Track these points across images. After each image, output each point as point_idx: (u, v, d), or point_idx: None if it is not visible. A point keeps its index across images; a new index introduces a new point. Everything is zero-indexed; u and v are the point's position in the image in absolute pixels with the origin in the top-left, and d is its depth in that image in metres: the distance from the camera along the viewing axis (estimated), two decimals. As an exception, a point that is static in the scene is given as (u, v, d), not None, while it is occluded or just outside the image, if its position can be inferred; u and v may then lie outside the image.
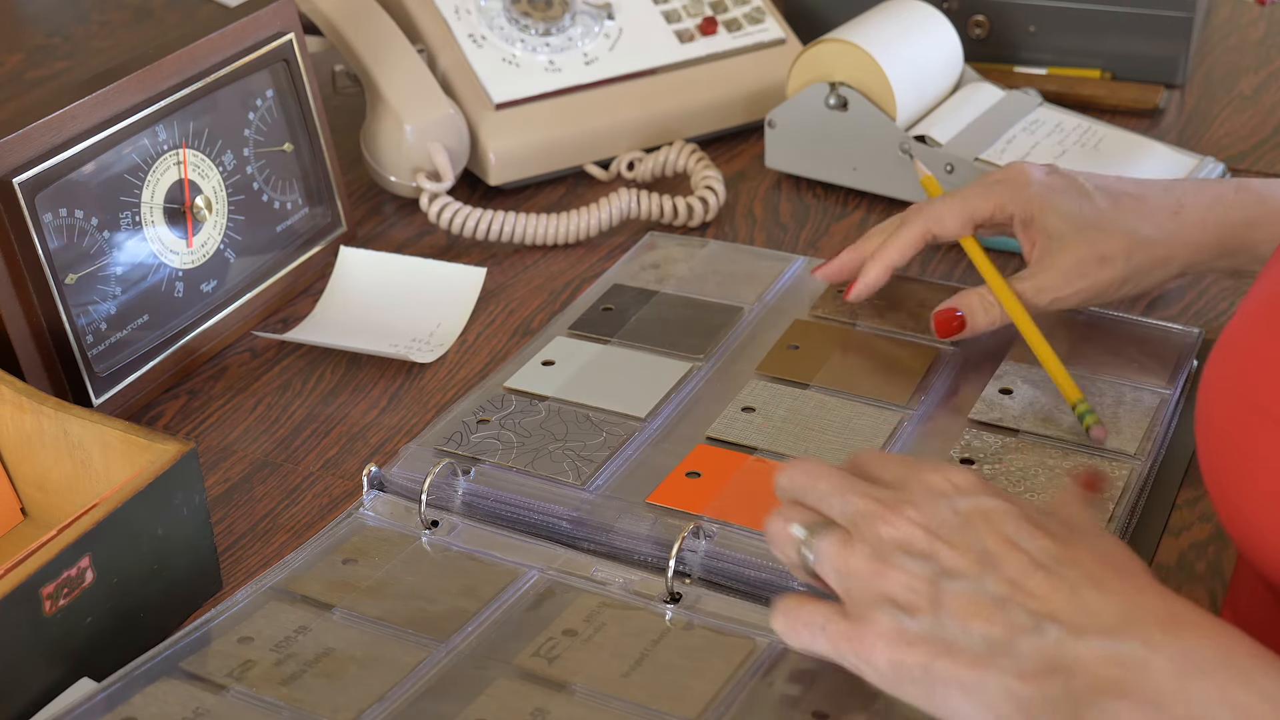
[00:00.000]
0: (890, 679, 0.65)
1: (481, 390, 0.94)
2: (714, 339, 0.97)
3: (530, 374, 0.95)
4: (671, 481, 0.85)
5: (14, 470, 0.87)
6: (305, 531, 0.87)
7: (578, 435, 0.88)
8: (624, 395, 0.92)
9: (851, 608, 0.67)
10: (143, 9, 1.52)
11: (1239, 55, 1.36)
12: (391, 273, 1.07)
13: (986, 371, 0.93)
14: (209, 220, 1.01)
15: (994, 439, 0.87)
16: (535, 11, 1.22)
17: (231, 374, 1.01)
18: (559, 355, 0.96)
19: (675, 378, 0.94)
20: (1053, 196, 0.93)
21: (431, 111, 1.13)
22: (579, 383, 0.94)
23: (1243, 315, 0.67)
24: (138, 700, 0.71)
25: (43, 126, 0.90)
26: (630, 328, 0.99)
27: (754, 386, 0.92)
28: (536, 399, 0.92)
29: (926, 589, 0.65)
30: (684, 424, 0.90)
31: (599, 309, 1.01)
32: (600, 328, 0.99)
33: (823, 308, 1.00)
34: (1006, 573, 0.64)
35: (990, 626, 0.63)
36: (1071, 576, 0.63)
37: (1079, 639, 0.61)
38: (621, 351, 0.97)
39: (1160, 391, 0.90)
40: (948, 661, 0.63)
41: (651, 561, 0.81)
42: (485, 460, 0.86)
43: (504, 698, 0.72)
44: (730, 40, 1.25)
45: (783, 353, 0.96)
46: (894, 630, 0.65)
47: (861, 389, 0.92)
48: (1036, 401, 0.89)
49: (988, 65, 1.29)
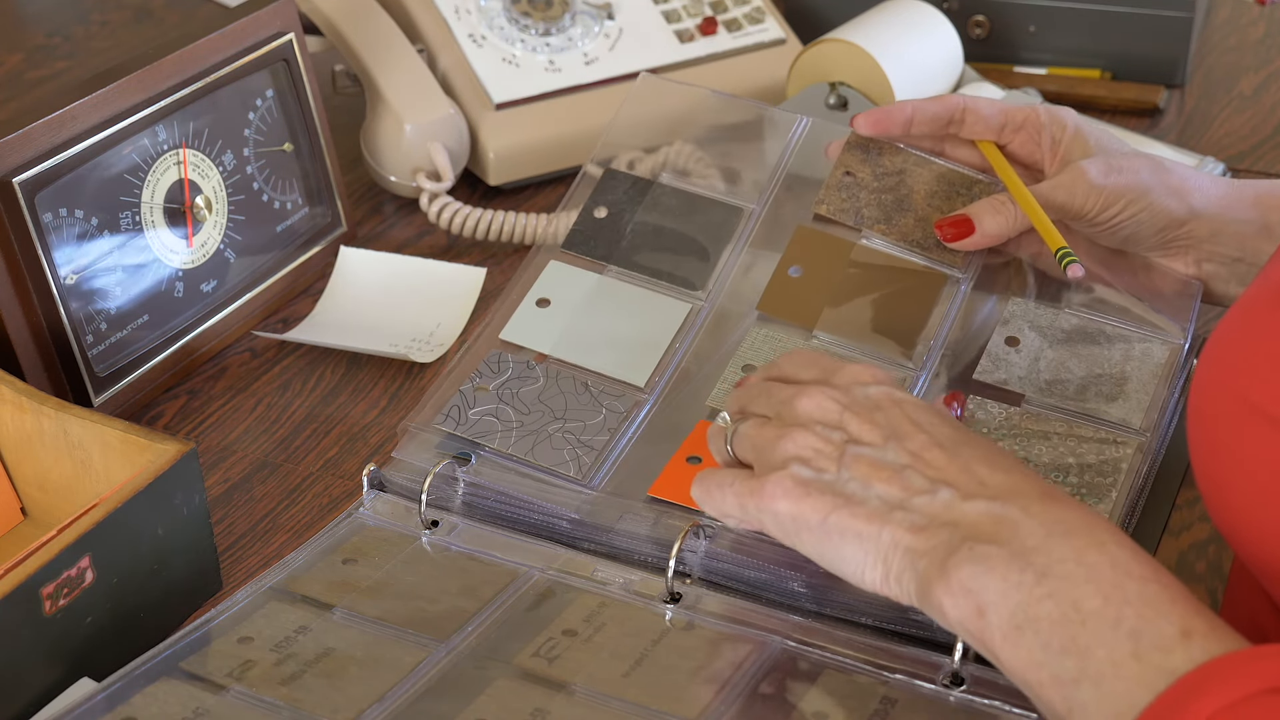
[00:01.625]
0: (789, 529, 0.72)
1: (479, 343, 0.92)
2: (715, 258, 0.94)
3: (526, 320, 0.92)
4: (672, 469, 0.84)
5: (14, 470, 0.87)
6: (305, 531, 0.87)
7: (577, 413, 0.88)
8: (622, 355, 0.90)
9: (759, 469, 0.74)
10: (143, 9, 1.52)
11: (1239, 55, 1.36)
12: (391, 273, 1.07)
13: (995, 313, 0.91)
14: (209, 220, 1.01)
15: (999, 409, 0.86)
16: (535, 11, 1.22)
17: (231, 374, 1.01)
18: (554, 290, 0.94)
19: (674, 325, 0.92)
20: (1088, 126, 0.94)
21: (431, 111, 1.13)
22: (576, 334, 0.91)
23: (1235, 310, 0.67)
24: (138, 700, 0.71)
25: (43, 126, 0.90)
26: (626, 245, 0.96)
27: (755, 336, 0.90)
28: (534, 360, 0.90)
29: (832, 450, 0.72)
30: (684, 389, 0.89)
31: (592, 214, 0.97)
32: (595, 245, 0.96)
33: (827, 203, 0.95)
34: (909, 446, 0.71)
35: (889, 487, 0.70)
36: (966, 454, 0.71)
37: (967, 501, 0.68)
38: (618, 287, 0.94)
39: (1172, 341, 0.89)
40: (846, 514, 0.70)
41: (651, 561, 0.81)
42: (485, 446, 0.86)
43: (504, 698, 0.72)
44: (730, 40, 1.25)
45: (784, 282, 0.93)
46: (797, 483, 0.72)
47: (865, 335, 0.90)
48: (1042, 355, 0.88)
49: (988, 65, 1.29)
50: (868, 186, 0.95)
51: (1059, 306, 0.91)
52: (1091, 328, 0.89)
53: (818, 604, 0.78)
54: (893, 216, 0.94)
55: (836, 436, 0.73)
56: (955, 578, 0.66)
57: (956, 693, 0.73)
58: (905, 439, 0.72)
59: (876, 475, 0.71)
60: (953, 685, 0.73)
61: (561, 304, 0.93)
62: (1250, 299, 0.67)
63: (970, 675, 0.73)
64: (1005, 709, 0.71)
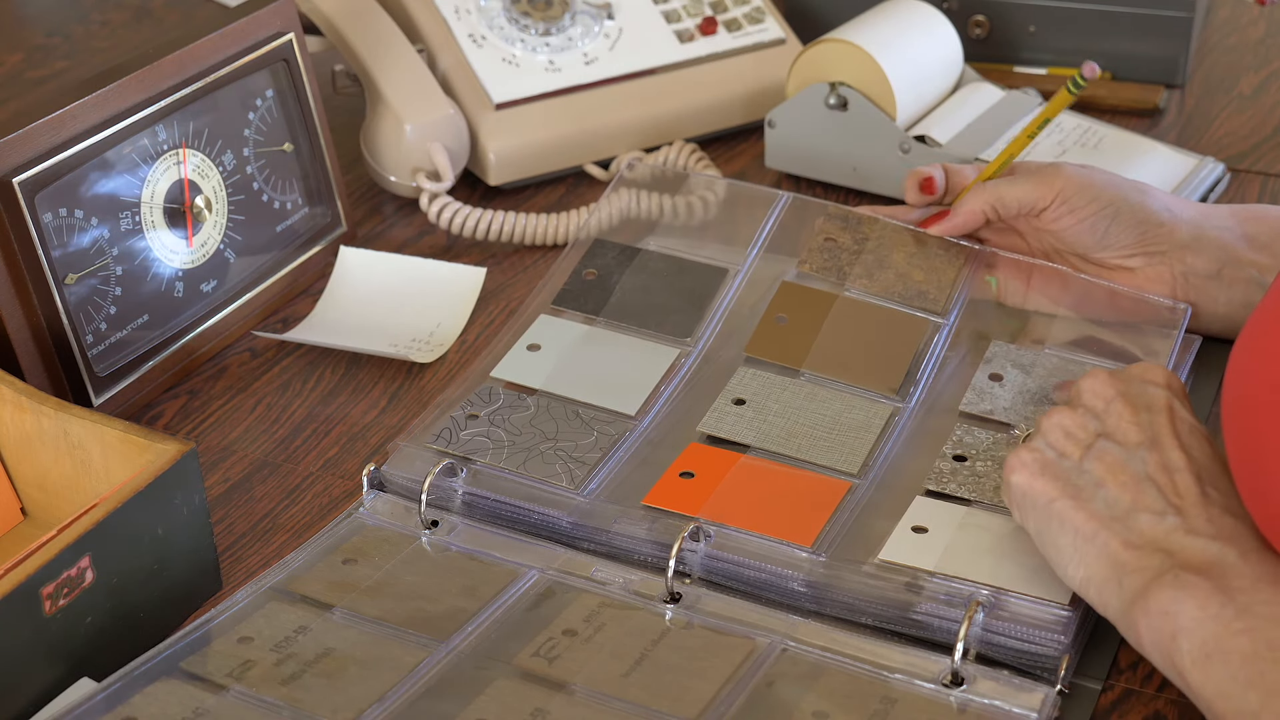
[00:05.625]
0: (1019, 502, 0.75)
1: (469, 379, 0.93)
2: (701, 311, 0.96)
3: (517, 361, 0.94)
4: (665, 482, 0.85)
5: (14, 470, 0.87)
6: (305, 531, 0.87)
7: (568, 434, 0.88)
8: (613, 389, 0.91)
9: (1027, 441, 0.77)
10: (143, 9, 1.52)
11: (1239, 55, 1.36)
12: (391, 273, 1.07)
13: (978, 351, 0.92)
14: (209, 220, 1.01)
15: (985, 434, 0.86)
16: (535, 11, 1.22)
17: (231, 374, 1.01)
18: (544, 337, 0.95)
19: (663, 367, 0.93)
20: None
21: (431, 111, 1.13)
22: (566, 372, 0.93)
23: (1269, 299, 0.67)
24: (138, 700, 0.71)
25: (43, 126, 0.90)
26: (615, 301, 0.97)
27: (744, 374, 0.91)
28: (524, 392, 0.91)
29: (1085, 437, 0.74)
30: (675, 418, 0.90)
31: (581, 276, 1.00)
32: (585, 301, 0.98)
33: (810, 262, 0.98)
34: (1163, 459, 0.72)
35: (1122, 492, 0.71)
36: (1214, 495, 0.70)
37: (1190, 536, 0.69)
38: (608, 335, 0.96)
39: None
40: (1070, 504, 0.72)
41: (651, 562, 0.81)
42: (476, 460, 0.86)
43: (504, 698, 0.72)
44: (730, 40, 1.25)
45: (771, 328, 0.94)
46: (1038, 460, 0.74)
47: (852, 374, 0.91)
48: (1026, 388, 0.89)
49: (988, 65, 1.29)
50: (848, 249, 0.98)
51: (1039, 348, 0.92)
52: (1073, 367, 0.90)
53: (818, 604, 0.78)
54: (874, 273, 0.97)
55: (1093, 425, 0.74)
56: (1155, 600, 0.67)
57: (956, 693, 0.73)
58: (1163, 450, 0.72)
59: (1114, 477, 0.72)
60: (953, 685, 0.73)
61: (552, 348, 0.95)
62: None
63: (970, 675, 0.73)
64: (1005, 709, 0.71)
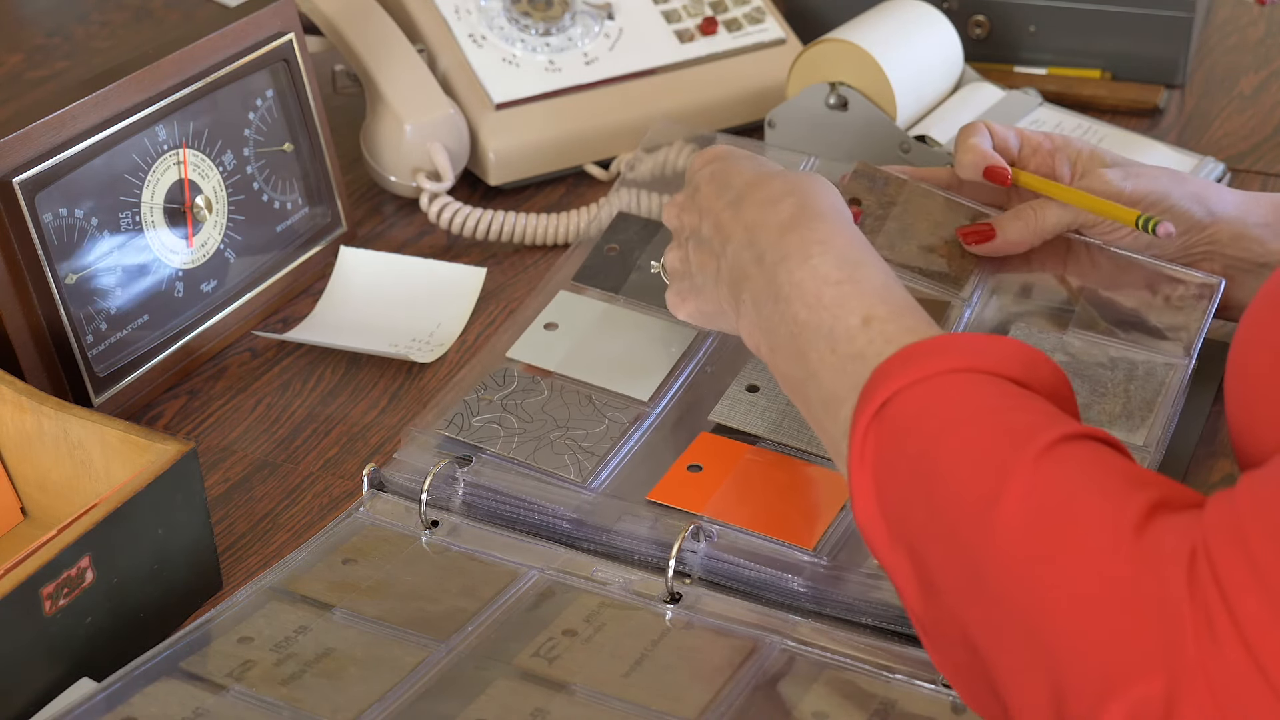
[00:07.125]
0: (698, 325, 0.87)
1: (485, 358, 0.93)
2: None
3: (533, 341, 0.94)
4: (672, 476, 0.85)
5: (14, 470, 0.87)
6: (305, 531, 0.87)
7: (580, 422, 0.88)
8: (627, 373, 0.91)
9: None
10: (143, 9, 1.52)
11: (1239, 55, 1.36)
12: (391, 273, 1.07)
13: (1000, 334, 0.91)
14: (209, 220, 1.01)
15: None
16: (535, 11, 1.22)
17: (231, 374, 1.01)
18: (562, 316, 0.95)
19: (680, 348, 0.93)
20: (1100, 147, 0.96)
21: (431, 111, 1.13)
22: (582, 354, 0.93)
23: None
24: (138, 700, 0.71)
25: (43, 126, 0.90)
26: (635, 280, 0.97)
27: (758, 362, 0.90)
28: (540, 375, 0.91)
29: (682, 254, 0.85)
30: (688, 403, 0.90)
31: (603, 250, 1.00)
32: (605, 278, 0.98)
33: None
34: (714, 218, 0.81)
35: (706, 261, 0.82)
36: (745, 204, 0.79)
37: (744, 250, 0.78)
38: (626, 315, 0.95)
39: (1175, 361, 0.89)
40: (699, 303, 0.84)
41: (651, 561, 0.81)
42: (486, 449, 0.86)
43: (504, 698, 0.72)
44: (730, 40, 1.25)
45: None
46: (676, 294, 0.86)
47: None
48: None
49: (988, 65, 1.29)
50: (873, 214, 0.96)
51: (1063, 331, 0.91)
52: (1096, 350, 0.90)
53: (818, 604, 0.78)
54: (896, 243, 0.95)
55: (686, 238, 0.84)
56: (744, 327, 0.79)
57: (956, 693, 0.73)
58: (710, 212, 0.81)
59: (700, 259, 0.82)
60: (953, 685, 0.73)
61: (569, 327, 0.95)
62: None
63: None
64: (1005, 709, 0.71)
